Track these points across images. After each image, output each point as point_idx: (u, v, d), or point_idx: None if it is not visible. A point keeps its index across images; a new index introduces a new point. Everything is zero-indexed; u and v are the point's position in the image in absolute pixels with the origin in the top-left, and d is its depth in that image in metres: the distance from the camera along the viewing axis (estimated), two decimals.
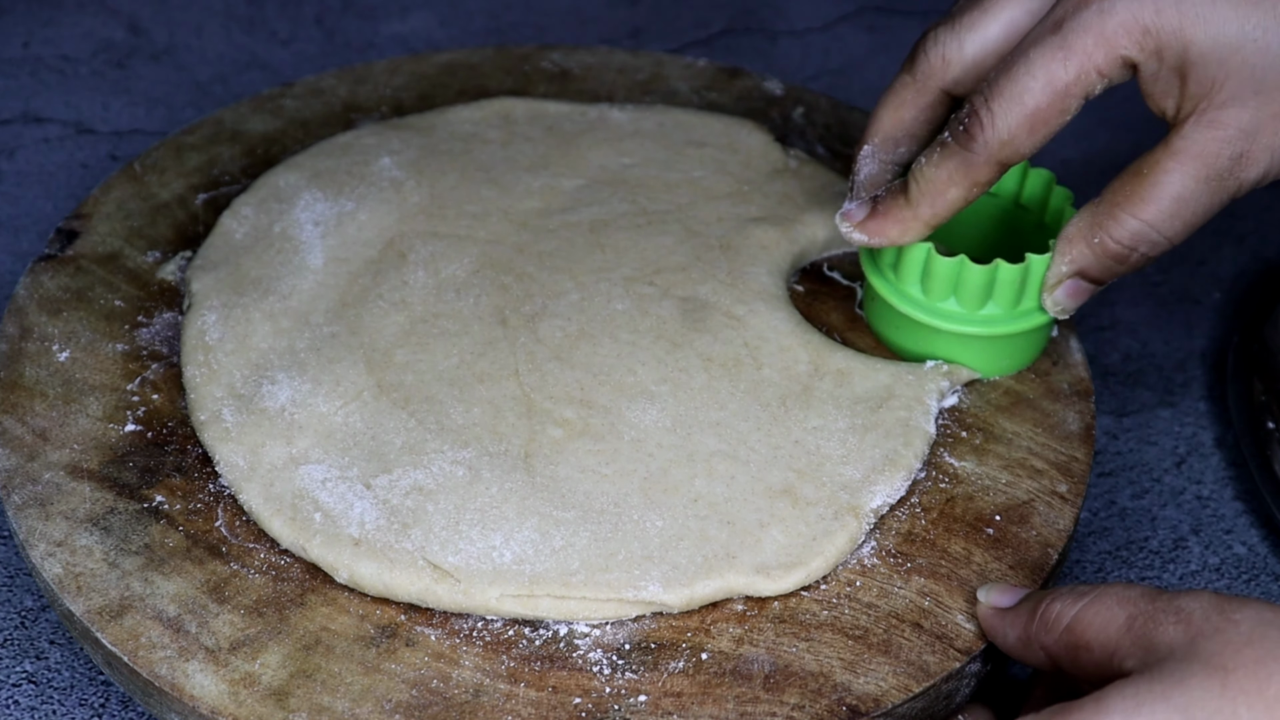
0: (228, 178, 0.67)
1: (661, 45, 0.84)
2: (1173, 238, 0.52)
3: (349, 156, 0.66)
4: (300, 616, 0.51)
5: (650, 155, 0.67)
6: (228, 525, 0.53)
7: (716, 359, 0.57)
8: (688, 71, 0.73)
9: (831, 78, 0.83)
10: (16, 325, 0.60)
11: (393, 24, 0.85)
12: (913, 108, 0.56)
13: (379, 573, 0.51)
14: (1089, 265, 0.54)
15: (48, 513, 0.53)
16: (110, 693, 0.55)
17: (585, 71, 0.73)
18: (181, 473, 0.55)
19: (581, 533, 0.52)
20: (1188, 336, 0.70)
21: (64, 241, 0.63)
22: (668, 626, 0.51)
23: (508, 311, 0.59)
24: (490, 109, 0.69)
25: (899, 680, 0.49)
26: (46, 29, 0.83)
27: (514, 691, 0.49)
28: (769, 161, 0.67)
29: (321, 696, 0.48)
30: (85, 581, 0.51)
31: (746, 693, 0.49)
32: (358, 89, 0.72)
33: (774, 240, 0.62)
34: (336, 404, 0.56)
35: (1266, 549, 0.62)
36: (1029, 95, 0.50)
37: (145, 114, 0.79)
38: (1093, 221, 0.53)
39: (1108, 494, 0.63)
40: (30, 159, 0.76)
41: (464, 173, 0.65)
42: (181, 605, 0.51)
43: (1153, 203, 0.51)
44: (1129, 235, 0.52)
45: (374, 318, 0.59)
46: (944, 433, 0.57)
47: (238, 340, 0.58)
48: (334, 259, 0.61)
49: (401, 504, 0.52)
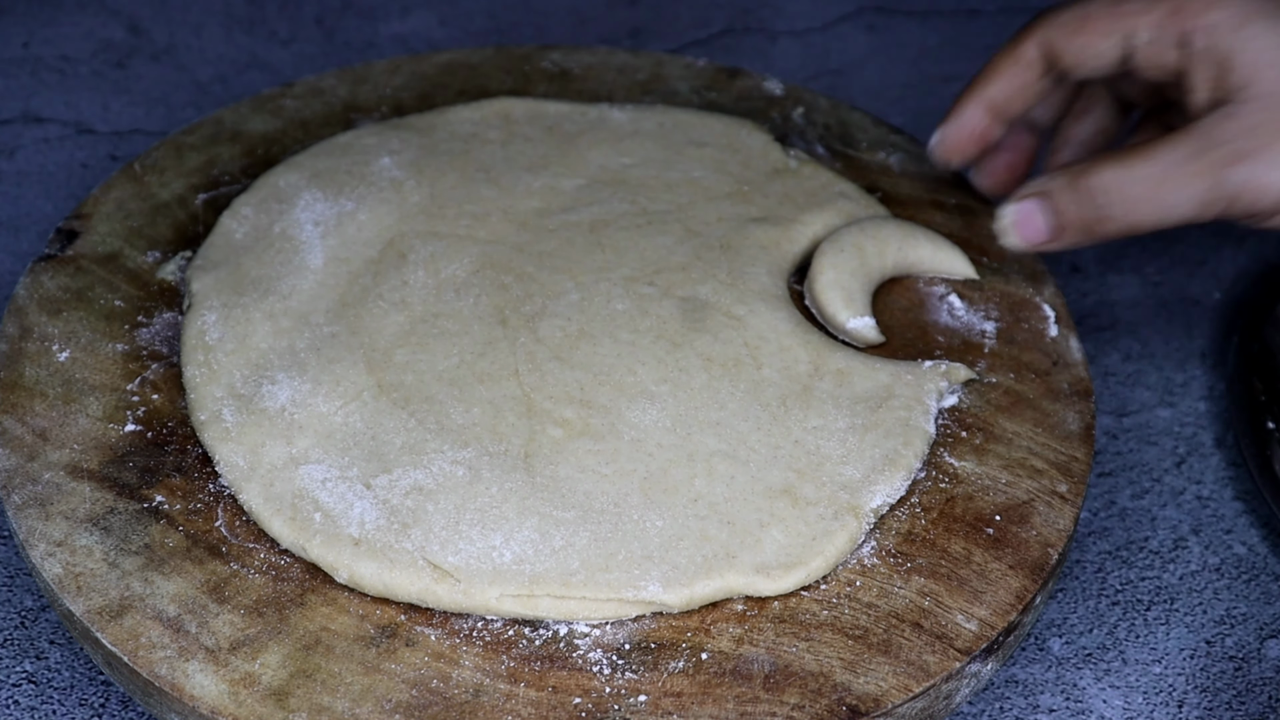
0: (228, 178, 0.67)
1: (661, 45, 0.84)
2: (1146, 211, 0.54)
3: (349, 156, 0.66)
4: (300, 616, 0.51)
5: (650, 155, 0.67)
6: (228, 525, 0.53)
7: (716, 359, 0.57)
8: (688, 71, 0.73)
9: (831, 78, 0.83)
10: (16, 325, 0.60)
11: (393, 24, 0.85)
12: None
13: (379, 573, 0.51)
14: (1056, 193, 0.56)
15: (48, 513, 0.53)
16: (110, 693, 0.55)
17: (585, 71, 0.73)
18: (181, 473, 0.55)
19: (581, 533, 0.52)
20: (1188, 336, 0.70)
21: (64, 241, 0.63)
22: (668, 626, 0.51)
23: (508, 311, 0.59)
24: (490, 109, 0.69)
25: (899, 680, 0.49)
26: (46, 29, 0.83)
27: (514, 691, 0.49)
28: (769, 161, 0.67)
29: (321, 696, 0.48)
30: (85, 581, 0.51)
31: (746, 693, 0.49)
32: (358, 89, 0.72)
33: (774, 240, 0.62)
34: (336, 404, 0.56)
35: (1266, 549, 0.62)
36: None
37: (145, 114, 0.79)
38: (1076, 167, 0.56)
39: (1108, 494, 0.63)
40: (30, 159, 0.76)
41: (464, 173, 0.65)
42: (181, 605, 0.51)
43: (1141, 162, 0.54)
44: (1106, 181, 0.55)
45: (374, 318, 0.59)
46: (944, 432, 0.57)
47: (238, 340, 0.58)
48: (334, 259, 0.61)
49: (401, 504, 0.52)
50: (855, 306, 0.60)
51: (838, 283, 0.60)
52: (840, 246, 0.61)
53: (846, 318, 0.59)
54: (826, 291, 0.60)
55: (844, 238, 0.61)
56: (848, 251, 0.61)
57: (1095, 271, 0.72)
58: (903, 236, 0.62)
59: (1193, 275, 0.73)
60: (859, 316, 0.60)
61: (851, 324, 0.59)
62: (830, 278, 0.60)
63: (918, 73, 0.83)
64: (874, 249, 0.61)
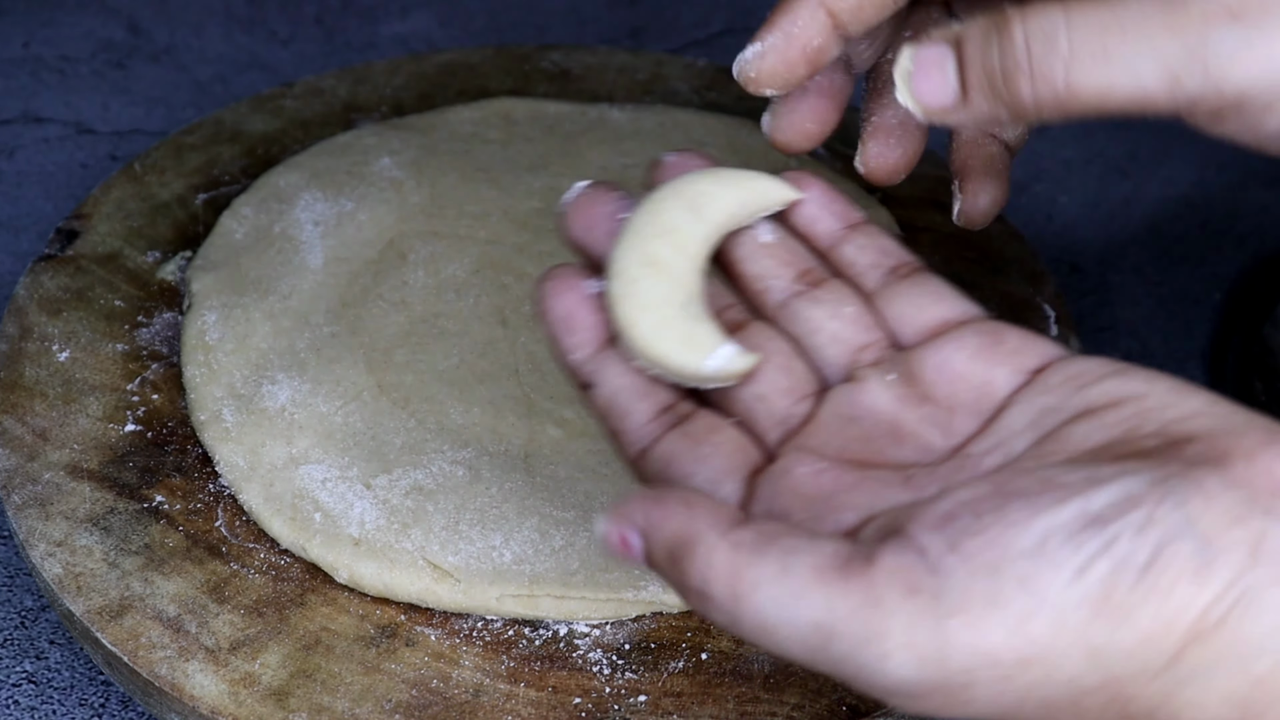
0: (228, 178, 0.67)
1: (661, 45, 0.84)
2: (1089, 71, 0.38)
3: (349, 156, 0.66)
4: (300, 616, 0.51)
5: (650, 155, 0.66)
6: (228, 525, 0.53)
7: None
8: (688, 71, 0.73)
9: None
10: (16, 325, 0.60)
11: (393, 24, 0.85)
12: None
13: (379, 573, 0.51)
14: (970, 39, 0.40)
15: (48, 513, 0.53)
16: (110, 693, 0.55)
17: (585, 71, 0.73)
18: (181, 473, 0.55)
19: (581, 533, 0.52)
20: (1188, 336, 0.70)
21: (64, 241, 0.63)
22: (668, 626, 0.51)
23: (508, 311, 0.59)
24: (490, 109, 0.69)
25: None
26: (46, 29, 0.83)
27: (514, 691, 0.49)
28: (769, 162, 0.67)
29: (321, 696, 0.48)
30: (85, 581, 0.51)
31: (747, 693, 0.49)
32: (358, 89, 0.72)
33: None
34: (336, 404, 0.56)
35: None
36: None
37: (145, 114, 0.79)
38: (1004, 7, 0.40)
39: None
40: (30, 159, 0.76)
41: (464, 173, 0.65)
42: (181, 605, 0.51)
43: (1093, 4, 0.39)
44: (1042, 25, 0.39)
45: (374, 318, 0.59)
46: None
47: (238, 340, 0.58)
48: (334, 259, 0.61)
49: (401, 504, 0.52)
50: (698, 339, 0.40)
51: (660, 325, 0.40)
52: (628, 276, 0.41)
53: (697, 363, 0.40)
54: (652, 346, 0.40)
55: (624, 259, 0.41)
56: (643, 278, 0.41)
57: (1095, 271, 0.72)
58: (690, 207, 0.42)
59: (1193, 275, 0.73)
60: (712, 351, 0.40)
61: (710, 365, 0.40)
62: (646, 324, 0.40)
63: None
64: (671, 250, 0.41)
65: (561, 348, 0.42)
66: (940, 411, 0.39)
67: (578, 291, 0.42)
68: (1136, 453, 0.35)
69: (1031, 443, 0.37)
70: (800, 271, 0.43)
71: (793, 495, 0.38)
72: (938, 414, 0.39)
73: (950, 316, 0.41)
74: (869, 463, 0.39)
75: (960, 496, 0.35)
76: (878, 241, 0.43)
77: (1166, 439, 0.35)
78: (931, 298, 0.42)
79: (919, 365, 0.40)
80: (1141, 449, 0.35)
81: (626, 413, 0.41)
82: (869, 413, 0.40)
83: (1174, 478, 0.33)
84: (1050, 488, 0.34)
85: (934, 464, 0.38)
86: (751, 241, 0.43)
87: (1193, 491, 0.33)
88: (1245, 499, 0.33)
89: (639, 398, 0.41)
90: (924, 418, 0.39)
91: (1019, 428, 0.38)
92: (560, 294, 0.42)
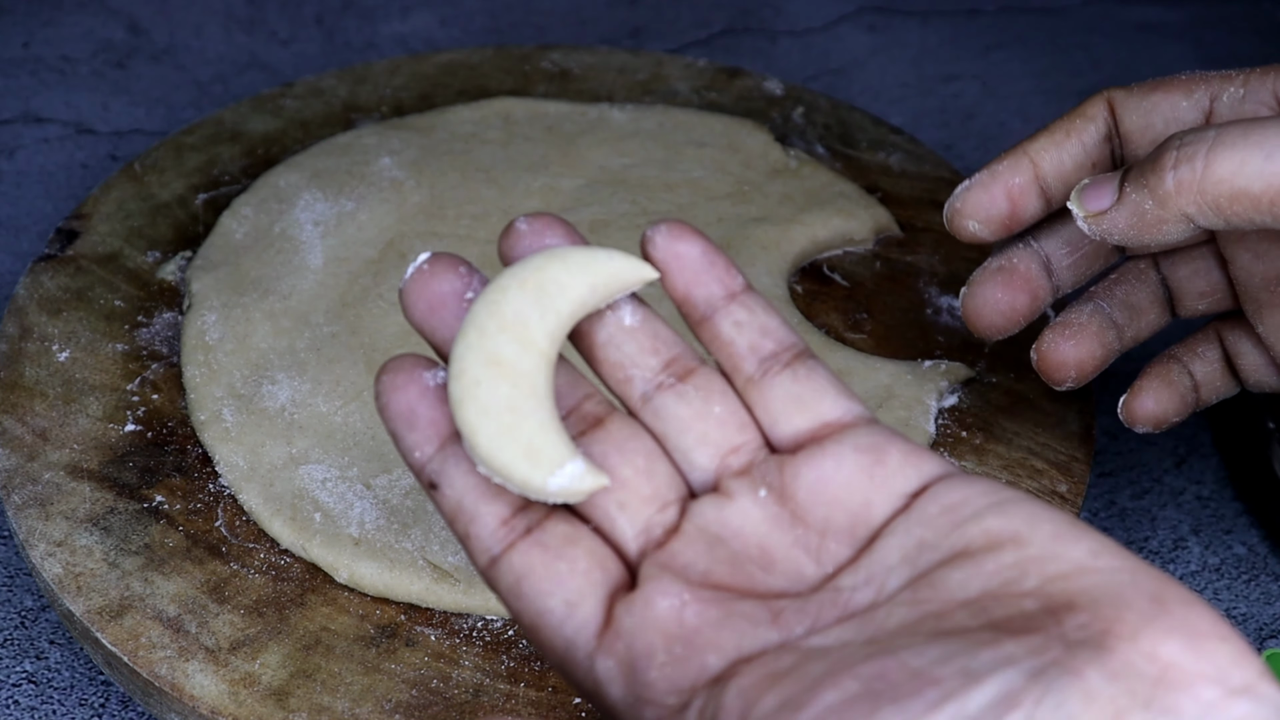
0: (228, 178, 0.67)
1: (661, 45, 0.84)
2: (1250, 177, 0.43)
3: (349, 156, 0.66)
4: (300, 616, 0.51)
5: (650, 155, 0.67)
6: (228, 525, 0.53)
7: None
8: (688, 71, 0.73)
9: (831, 78, 0.83)
10: (16, 325, 0.60)
11: (393, 24, 0.85)
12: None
13: (379, 573, 0.51)
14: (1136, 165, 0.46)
15: (48, 513, 0.53)
16: (110, 693, 0.55)
17: (585, 71, 0.73)
18: (181, 473, 0.55)
19: None
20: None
21: (64, 241, 0.63)
22: None
23: None
24: (490, 109, 0.69)
25: None
26: (46, 29, 0.83)
27: (514, 691, 0.49)
28: (769, 161, 0.67)
29: (321, 696, 0.48)
30: (85, 581, 0.51)
31: None
32: (358, 89, 0.72)
33: (774, 240, 0.62)
34: (336, 404, 0.56)
35: (1266, 549, 0.61)
36: None
37: (145, 114, 0.79)
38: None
39: (1108, 494, 0.63)
40: (30, 159, 0.76)
41: (464, 173, 0.65)
42: (181, 605, 0.51)
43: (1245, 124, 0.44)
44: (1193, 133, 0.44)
45: (374, 318, 0.59)
46: (944, 433, 0.57)
47: (238, 340, 0.58)
48: (334, 259, 0.61)
49: (401, 504, 0.52)
50: (544, 453, 0.37)
51: (502, 434, 0.36)
52: (470, 378, 0.37)
53: (541, 480, 0.36)
54: (493, 457, 0.36)
55: (465, 357, 0.37)
56: (485, 380, 0.37)
57: None
58: (537, 298, 0.38)
59: None
60: (558, 468, 0.36)
61: (554, 484, 0.36)
62: (486, 433, 0.36)
63: (918, 73, 0.83)
64: (516, 347, 0.37)
65: (402, 447, 0.38)
66: (812, 535, 0.37)
67: (418, 385, 0.38)
68: (1015, 618, 0.33)
69: (905, 581, 0.35)
70: (666, 361, 0.39)
71: (656, 633, 0.35)
72: (809, 538, 0.37)
73: (830, 418, 0.38)
74: (736, 590, 0.36)
75: (827, 699, 0.32)
76: (759, 319, 0.39)
77: (1046, 602, 0.33)
78: (812, 393, 0.38)
79: (793, 481, 0.37)
80: (1020, 611, 0.33)
81: (474, 517, 0.37)
82: (737, 534, 0.37)
83: (1053, 668, 0.31)
84: (924, 684, 0.32)
85: (804, 594, 0.36)
86: (614, 324, 0.39)
87: (1072, 688, 0.31)
88: (1125, 692, 0.31)
89: (487, 500, 0.37)
90: (795, 541, 0.37)
91: (893, 562, 0.36)
92: (399, 389, 0.38)
